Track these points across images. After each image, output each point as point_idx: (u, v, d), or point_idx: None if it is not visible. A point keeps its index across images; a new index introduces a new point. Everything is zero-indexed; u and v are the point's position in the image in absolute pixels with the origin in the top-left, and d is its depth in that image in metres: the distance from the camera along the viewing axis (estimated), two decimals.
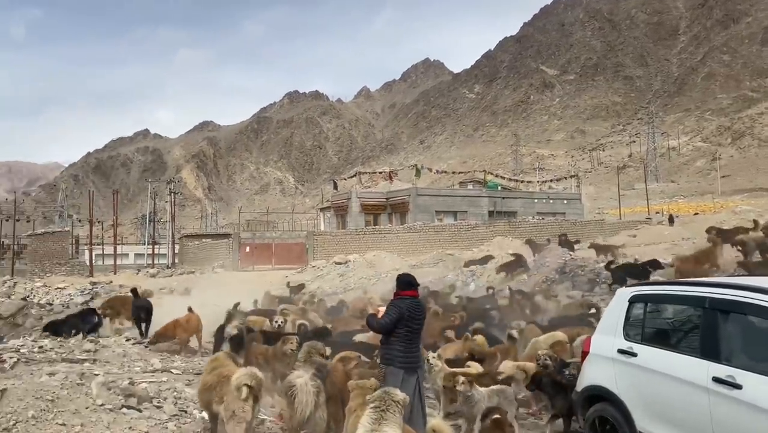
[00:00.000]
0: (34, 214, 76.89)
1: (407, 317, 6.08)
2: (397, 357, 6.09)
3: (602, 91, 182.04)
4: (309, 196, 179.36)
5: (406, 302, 6.21)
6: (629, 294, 5.48)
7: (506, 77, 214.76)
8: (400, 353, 6.07)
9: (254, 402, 5.02)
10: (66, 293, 21.98)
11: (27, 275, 34.93)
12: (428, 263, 25.58)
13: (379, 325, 6.18)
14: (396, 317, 6.07)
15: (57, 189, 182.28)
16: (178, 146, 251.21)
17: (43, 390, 4.70)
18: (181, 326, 9.95)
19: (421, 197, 45.26)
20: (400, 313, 6.06)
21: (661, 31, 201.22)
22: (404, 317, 6.07)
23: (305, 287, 21.19)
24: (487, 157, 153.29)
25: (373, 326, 6.36)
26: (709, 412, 4.16)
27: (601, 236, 35.01)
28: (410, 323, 6.09)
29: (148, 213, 65.34)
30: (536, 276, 17.35)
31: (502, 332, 10.05)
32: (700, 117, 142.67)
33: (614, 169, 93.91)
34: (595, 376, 5.49)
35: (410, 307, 6.20)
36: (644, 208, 59.16)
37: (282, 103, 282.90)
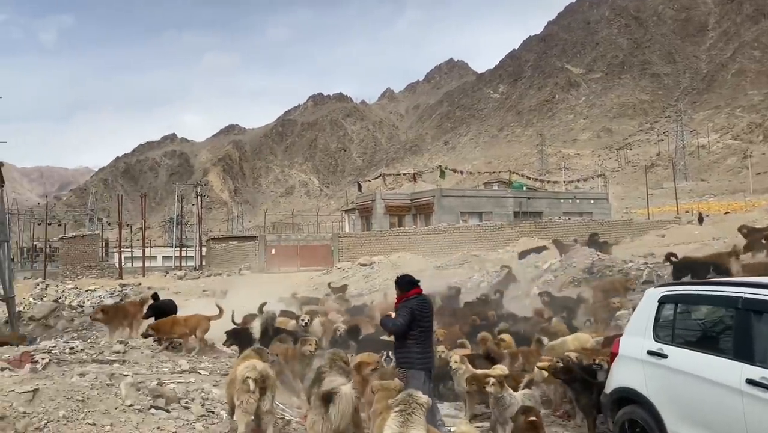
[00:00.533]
0: (65, 218, 78.42)
1: (418, 316, 6.01)
2: (416, 359, 6.01)
3: (629, 90, 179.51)
4: (334, 198, 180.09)
5: (414, 301, 6.12)
6: (659, 295, 5.38)
7: (531, 77, 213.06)
8: (418, 354, 6.01)
9: (261, 394, 5.17)
10: (96, 295, 22.36)
11: (58, 277, 35.63)
12: (453, 264, 25.46)
13: (395, 326, 6.08)
14: (410, 317, 5.98)
15: (87, 193, 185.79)
16: (205, 150, 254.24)
17: (73, 390, 4.78)
18: (179, 323, 9.98)
19: (446, 198, 45.14)
20: (413, 313, 5.98)
21: (690, 28, 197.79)
22: (416, 317, 5.98)
23: (347, 288, 21.11)
24: (512, 157, 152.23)
25: (389, 328, 6.28)
26: (743, 415, 4.06)
27: (629, 236, 34.51)
28: (422, 322, 6.03)
29: (176, 216, 66.22)
30: (563, 277, 17.16)
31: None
32: (730, 114, 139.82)
33: (642, 168, 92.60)
34: (625, 378, 5.41)
35: (419, 306, 6.12)
36: (673, 207, 58.17)
37: (306, 105, 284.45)
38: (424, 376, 5.96)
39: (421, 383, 5.82)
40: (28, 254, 58.00)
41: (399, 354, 6.15)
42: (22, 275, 35.24)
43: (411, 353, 6.00)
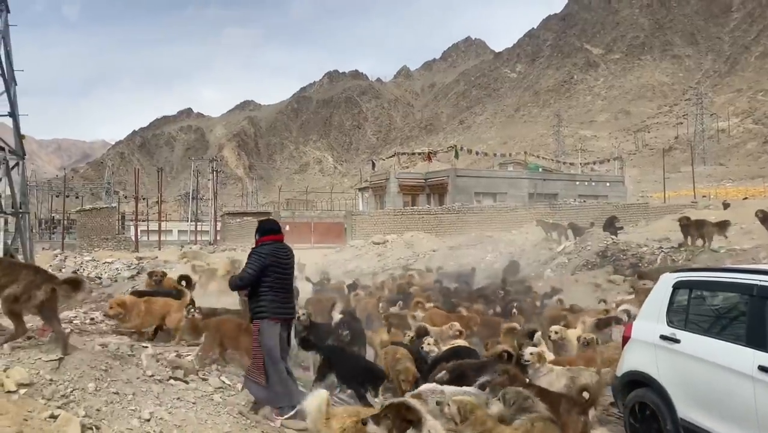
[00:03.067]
0: (83, 191, 79.31)
1: (273, 262, 5.66)
2: (270, 309, 5.62)
3: (649, 71, 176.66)
4: (348, 176, 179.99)
5: (267, 248, 5.76)
6: (673, 279, 5.40)
7: (549, 56, 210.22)
8: (273, 304, 5.62)
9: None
10: (113, 267, 22.70)
11: (76, 249, 36.17)
12: (467, 244, 25.48)
13: (241, 279, 5.74)
14: (258, 265, 5.63)
15: (104, 166, 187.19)
16: (220, 125, 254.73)
17: (97, 360, 4.92)
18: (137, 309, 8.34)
19: (461, 178, 45.05)
20: (262, 261, 5.63)
21: (713, 8, 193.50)
22: (267, 264, 5.64)
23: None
24: (528, 138, 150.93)
25: (236, 284, 5.91)
26: (754, 400, 4.10)
27: (644, 220, 34.28)
28: (276, 269, 5.67)
29: (191, 191, 66.70)
30: (577, 260, 17.16)
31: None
32: (752, 98, 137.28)
33: (660, 151, 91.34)
34: (636, 361, 5.45)
35: (273, 252, 5.75)
36: (690, 192, 57.55)
37: (322, 82, 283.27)
38: (279, 327, 5.64)
39: (275, 333, 5.59)
40: (46, 225, 58.87)
41: (252, 304, 5.77)
42: (41, 246, 35.79)
43: (264, 302, 5.62)
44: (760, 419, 4.07)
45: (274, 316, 5.62)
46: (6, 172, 12.27)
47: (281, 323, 5.67)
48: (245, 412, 5.32)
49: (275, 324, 5.62)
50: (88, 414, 4.18)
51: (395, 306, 11.08)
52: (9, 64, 13.14)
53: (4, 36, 12.97)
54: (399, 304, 11.19)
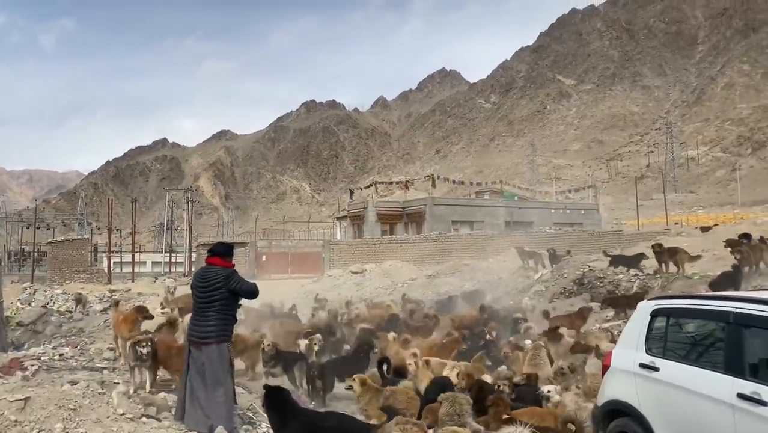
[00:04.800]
0: (54, 222, 77.82)
1: (193, 286, 5.89)
2: (187, 330, 5.92)
3: (620, 101, 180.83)
4: (325, 206, 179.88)
5: (196, 273, 6.13)
6: (651, 307, 5.42)
7: (523, 87, 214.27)
8: (189, 325, 5.89)
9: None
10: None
11: (47, 281, 35.33)
12: (445, 272, 25.49)
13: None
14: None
15: (77, 197, 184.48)
16: (196, 155, 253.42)
17: (65, 399, 4.74)
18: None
19: (438, 207, 45.26)
20: (191, 286, 5.96)
21: (680, 41, 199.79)
22: (191, 287, 5.92)
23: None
24: (504, 167, 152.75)
25: None
26: (734, 429, 4.09)
27: (619, 247, 34.69)
28: (195, 291, 5.86)
29: (166, 221, 65.89)
30: (554, 288, 17.22)
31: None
32: (719, 127, 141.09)
33: (632, 179, 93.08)
34: (616, 390, 5.43)
35: (196, 276, 6.08)
36: (663, 218, 58.53)
37: (299, 112, 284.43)
38: (191, 348, 5.81)
39: (186, 353, 5.81)
40: (15, 257, 57.48)
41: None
42: (10, 279, 34.88)
43: (188, 325, 5.96)
44: None
45: (187, 337, 5.89)
46: None
47: (193, 345, 5.79)
48: None
49: (188, 344, 5.85)
50: None
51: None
52: None
53: None
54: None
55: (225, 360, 5.86)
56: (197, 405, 5.68)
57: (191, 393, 5.71)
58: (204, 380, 5.70)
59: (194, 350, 5.77)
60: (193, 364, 5.72)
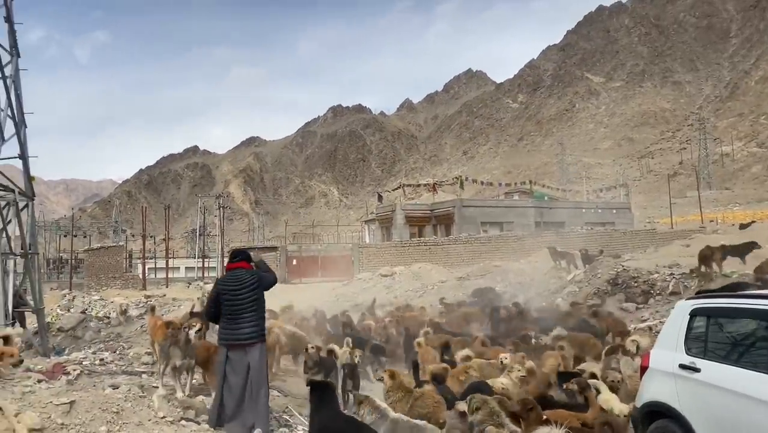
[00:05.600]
0: (90, 230, 79.69)
1: (221, 291, 5.99)
2: (221, 335, 6.01)
3: (650, 98, 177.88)
4: (353, 209, 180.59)
5: (220, 279, 6.29)
6: (690, 307, 5.32)
7: (550, 86, 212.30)
8: (223, 329, 5.98)
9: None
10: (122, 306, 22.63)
11: (84, 288, 36.15)
12: (475, 274, 25.33)
13: (204, 314, 6.37)
14: (211, 297, 6.12)
15: (111, 205, 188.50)
16: (226, 162, 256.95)
17: (108, 402, 4.85)
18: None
19: (467, 209, 45.04)
20: (215, 292, 6.07)
21: (711, 35, 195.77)
22: (217, 293, 6.02)
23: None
24: (533, 167, 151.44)
25: (205, 318, 6.56)
26: None
27: (652, 246, 34.09)
28: (226, 296, 5.93)
29: (198, 227, 66.94)
30: (587, 288, 16.99)
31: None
32: (754, 122, 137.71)
33: (664, 177, 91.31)
34: (656, 391, 5.34)
35: (222, 281, 6.19)
36: (697, 216, 57.33)
37: (326, 117, 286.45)
38: (228, 352, 5.87)
39: (223, 358, 5.87)
40: (54, 265, 58.99)
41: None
42: (48, 286, 35.84)
43: (220, 329, 6.04)
44: None
45: (222, 342, 5.96)
46: (15, 214, 12.32)
47: (231, 349, 5.88)
48: None
49: (222, 349, 5.93)
50: None
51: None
52: (19, 107, 13.32)
53: (14, 80, 13.17)
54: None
55: (265, 360, 6.01)
56: (236, 409, 5.75)
57: (230, 398, 5.78)
58: (246, 382, 5.80)
59: (234, 353, 5.85)
60: (231, 368, 5.80)
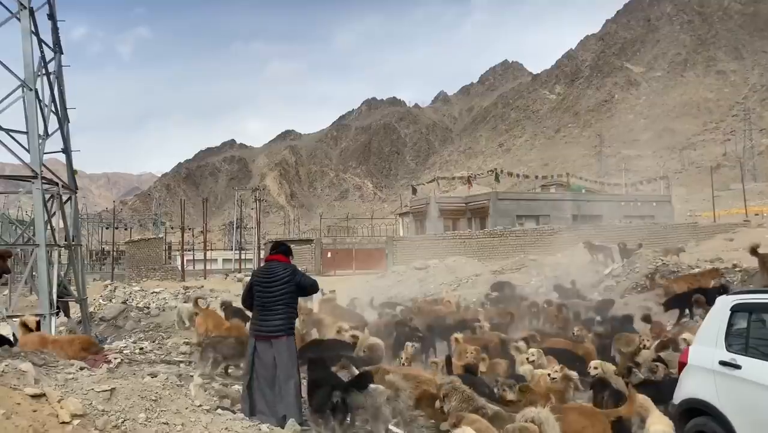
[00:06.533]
0: (131, 222, 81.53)
1: (255, 282, 6.10)
2: (251, 326, 6.15)
3: (692, 88, 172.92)
4: (388, 202, 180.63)
5: (256, 270, 6.44)
6: (731, 303, 5.20)
7: (589, 77, 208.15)
8: (253, 321, 6.11)
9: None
10: (161, 297, 23.18)
11: (125, 279, 37.10)
12: (510, 268, 25.12)
13: (242, 303, 6.53)
14: (247, 287, 6.22)
15: (151, 198, 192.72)
16: (263, 155, 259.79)
17: (147, 390, 4.97)
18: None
19: (502, 201, 44.66)
20: (250, 282, 6.19)
21: (758, 22, 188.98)
22: (251, 284, 6.14)
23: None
24: (570, 159, 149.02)
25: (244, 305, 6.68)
26: None
27: (693, 240, 33.25)
28: (258, 288, 6.04)
29: (235, 220, 67.89)
30: (625, 283, 16.70)
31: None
32: None
33: (707, 169, 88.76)
34: (695, 388, 5.25)
35: (257, 273, 6.34)
36: (741, 210, 55.67)
37: (360, 110, 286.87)
38: (256, 343, 5.97)
39: (251, 350, 5.98)
40: (96, 257, 60.66)
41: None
42: (91, 277, 36.84)
43: (251, 321, 6.20)
44: None
45: (252, 332, 6.11)
46: (59, 207, 12.70)
47: (260, 340, 5.98)
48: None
49: (252, 340, 6.06)
50: None
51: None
52: (63, 103, 13.70)
53: (58, 76, 13.55)
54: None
55: (293, 353, 6.06)
56: (265, 400, 5.88)
57: (259, 389, 5.91)
58: (274, 375, 5.89)
59: (261, 345, 5.97)
60: (258, 360, 5.91)
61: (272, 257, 6.26)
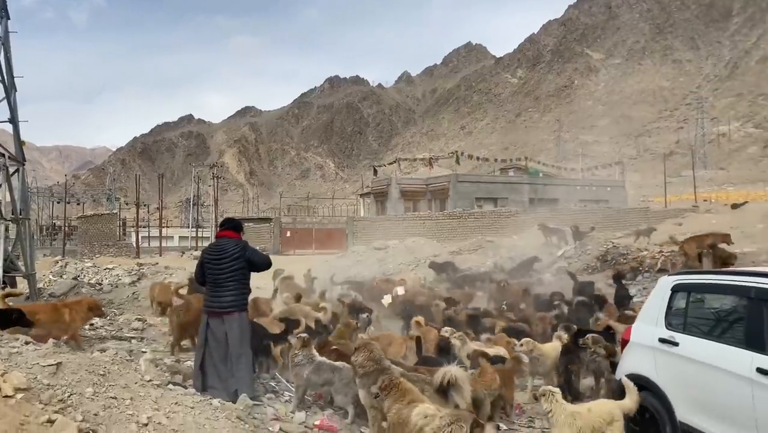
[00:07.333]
0: (84, 197, 79.40)
1: (206, 259, 6.09)
2: (204, 302, 6.14)
3: (649, 76, 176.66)
4: (349, 182, 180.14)
5: (206, 247, 6.41)
6: (672, 283, 5.40)
7: (550, 61, 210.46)
8: (206, 297, 6.10)
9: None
10: (114, 274, 22.64)
11: (77, 255, 36.12)
12: (468, 249, 25.45)
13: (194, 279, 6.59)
14: (198, 264, 6.21)
15: (105, 173, 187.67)
16: (221, 131, 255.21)
17: (95, 365, 4.90)
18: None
19: (462, 184, 45.06)
20: (201, 259, 6.17)
21: (714, 13, 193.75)
22: (202, 261, 6.13)
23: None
24: (530, 143, 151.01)
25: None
26: (753, 403, 4.10)
27: (645, 224, 34.22)
28: (208, 264, 6.04)
29: (192, 197, 66.78)
30: (577, 264, 17.13)
31: None
32: (753, 102, 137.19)
33: (660, 156, 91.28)
34: (635, 365, 5.45)
35: (207, 249, 6.31)
36: (692, 195, 57.54)
37: (323, 88, 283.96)
38: (208, 319, 5.97)
39: (204, 326, 5.99)
40: (47, 232, 58.88)
41: None
42: (42, 253, 35.77)
43: (204, 297, 6.18)
44: (758, 421, 4.06)
45: (204, 308, 6.06)
46: (6, 179, 12.28)
47: (212, 316, 5.96)
48: (243, 416, 5.32)
49: (204, 316, 6.02)
50: (86, 419, 4.17)
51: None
52: (9, 71, 13.17)
53: (3, 42, 13.00)
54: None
55: (246, 329, 6.05)
56: (218, 376, 5.87)
57: (211, 364, 5.89)
58: (226, 350, 5.88)
59: (214, 321, 5.94)
60: (211, 335, 5.89)
61: (223, 233, 6.22)
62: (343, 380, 5.86)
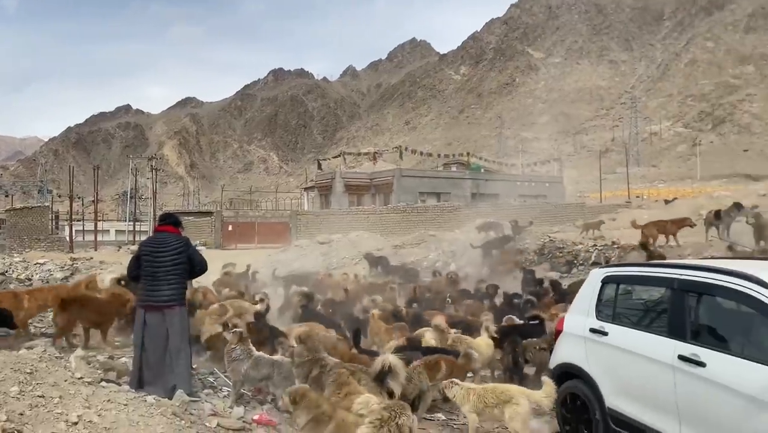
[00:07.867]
0: (13, 189, 75.56)
1: (144, 252, 5.99)
2: (139, 296, 6.07)
3: (587, 75, 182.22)
4: (293, 176, 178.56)
5: (144, 241, 6.35)
6: (602, 274, 5.61)
7: (492, 59, 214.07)
8: (142, 291, 5.99)
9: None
10: (45, 269, 21.74)
11: (5, 250, 34.50)
12: (411, 243, 25.65)
13: (127, 272, 6.42)
14: (134, 257, 6.12)
15: (36, 164, 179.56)
16: (161, 122, 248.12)
17: (21, 363, 4.71)
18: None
19: (405, 178, 45.37)
20: (138, 253, 6.10)
21: (647, 16, 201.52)
22: (138, 255, 6.05)
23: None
24: (472, 139, 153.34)
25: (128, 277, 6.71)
26: (674, 388, 4.30)
27: (581, 219, 35.34)
28: (146, 258, 5.94)
29: (129, 190, 64.76)
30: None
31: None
32: (682, 103, 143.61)
33: (597, 153, 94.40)
34: (568, 354, 5.63)
35: (143, 243, 6.26)
36: (625, 192, 59.80)
37: (266, 80, 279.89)
38: (145, 314, 5.87)
39: (140, 320, 5.89)
40: None
41: None
42: None
43: (139, 292, 6.11)
44: (680, 406, 4.27)
45: (140, 303, 5.95)
46: None
47: (150, 311, 5.84)
48: (179, 413, 5.22)
49: (141, 311, 5.89)
50: (11, 419, 4.01)
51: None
52: None
53: None
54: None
55: (186, 324, 5.95)
56: (154, 372, 5.74)
57: (147, 360, 5.75)
58: (165, 345, 5.75)
59: (152, 315, 5.79)
60: (148, 330, 5.74)
61: (162, 228, 6.08)
62: (282, 374, 5.84)
